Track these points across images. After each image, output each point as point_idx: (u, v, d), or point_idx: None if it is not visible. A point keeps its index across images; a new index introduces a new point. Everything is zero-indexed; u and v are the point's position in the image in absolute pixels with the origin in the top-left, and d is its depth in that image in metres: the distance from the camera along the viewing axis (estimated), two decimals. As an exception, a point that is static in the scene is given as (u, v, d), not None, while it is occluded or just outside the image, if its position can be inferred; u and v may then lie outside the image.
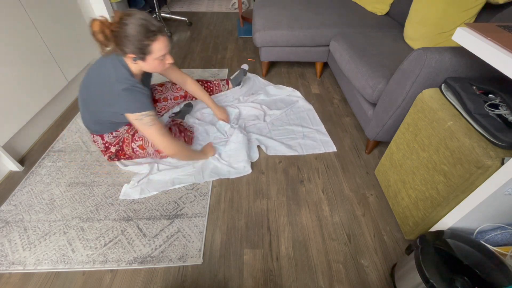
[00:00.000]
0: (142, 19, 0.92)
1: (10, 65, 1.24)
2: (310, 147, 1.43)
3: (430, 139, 0.89)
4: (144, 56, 0.98)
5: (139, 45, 0.94)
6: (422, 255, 0.76)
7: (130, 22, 0.91)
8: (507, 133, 0.71)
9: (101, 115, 1.10)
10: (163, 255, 1.00)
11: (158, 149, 1.22)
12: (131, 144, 1.22)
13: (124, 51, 0.96)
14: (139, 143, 1.21)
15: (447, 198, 0.83)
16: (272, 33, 1.71)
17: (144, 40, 0.93)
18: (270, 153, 1.39)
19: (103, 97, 1.03)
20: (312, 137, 1.48)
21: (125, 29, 0.91)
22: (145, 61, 1.00)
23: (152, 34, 0.94)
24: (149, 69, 1.05)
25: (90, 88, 1.06)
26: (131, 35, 0.92)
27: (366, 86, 1.24)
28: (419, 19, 1.35)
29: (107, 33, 0.92)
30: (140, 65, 1.02)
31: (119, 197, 1.17)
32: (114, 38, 0.93)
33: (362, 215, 1.15)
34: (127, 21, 0.91)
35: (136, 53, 0.96)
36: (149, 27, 0.93)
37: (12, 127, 1.27)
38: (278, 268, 0.98)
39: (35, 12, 1.38)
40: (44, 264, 0.97)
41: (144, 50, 0.96)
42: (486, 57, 0.71)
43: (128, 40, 0.92)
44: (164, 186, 1.22)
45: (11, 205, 1.14)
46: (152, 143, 1.15)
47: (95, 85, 1.05)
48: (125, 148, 1.23)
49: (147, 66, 1.03)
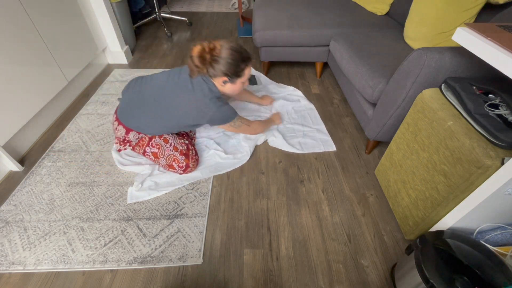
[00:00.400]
0: (238, 47, 1.08)
1: (10, 65, 1.24)
2: (310, 146, 1.43)
3: (430, 139, 0.89)
4: (235, 79, 1.11)
5: (236, 69, 1.07)
6: (422, 255, 0.76)
7: (229, 48, 1.05)
8: (507, 133, 0.71)
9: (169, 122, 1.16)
10: (163, 255, 1.00)
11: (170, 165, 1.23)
12: (145, 147, 1.21)
13: (219, 74, 1.07)
14: (154, 150, 1.21)
15: (447, 198, 0.83)
16: (272, 33, 1.71)
17: (241, 64, 1.08)
18: (271, 144, 1.44)
19: (190, 115, 1.13)
20: (312, 136, 1.49)
21: (226, 54, 1.04)
22: (233, 84, 1.13)
23: (248, 60, 1.10)
24: (231, 91, 1.17)
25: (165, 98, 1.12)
26: (231, 59, 1.05)
27: (366, 86, 1.24)
28: (419, 19, 1.35)
29: (207, 57, 1.03)
30: (226, 87, 1.14)
31: (127, 201, 1.16)
32: (214, 61, 1.04)
33: (362, 215, 1.15)
34: (227, 47, 1.05)
35: (230, 76, 1.08)
36: (244, 53, 1.09)
37: (12, 127, 1.27)
38: (278, 268, 0.98)
39: (35, 12, 1.37)
40: (44, 264, 0.97)
41: (239, 73, 1.09)
42: (486, 57, 0.71)
43: (228, 64, 1.05)
44: (172, 185, 1.22)
45: (11, 205, 1.14)
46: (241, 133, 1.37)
47: (175, 99, 1.11)
48: (137, 147, 1.23)
49: (231, 88, 1.15)
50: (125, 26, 2.14)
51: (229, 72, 1.07)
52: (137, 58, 2.21)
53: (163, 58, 2.22)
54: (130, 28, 2.23)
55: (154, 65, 2.12)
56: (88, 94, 1.78)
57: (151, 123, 1.16)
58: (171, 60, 2.19)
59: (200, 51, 1.02)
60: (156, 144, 1.20)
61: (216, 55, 1.04)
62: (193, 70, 1.07)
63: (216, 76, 1.08)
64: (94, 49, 1.89)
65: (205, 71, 1.07)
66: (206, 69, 1.06)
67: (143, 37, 2.54)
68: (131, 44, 2.25)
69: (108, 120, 1.57)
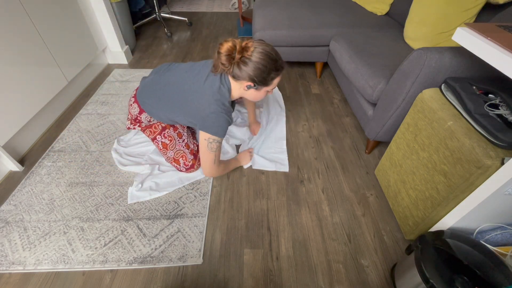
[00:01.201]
0: (273, 53, 0.94)
1: (10, 65, 1.24)
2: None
3: (430, 139, 0.89)
4: (262, 86, 0.99)
5: (266, 76, 0.95)
6: (422, 255, 0.76)
7: (263, 52, 0.92)
8: (507, 133, 0.71)
9: (171, 113, 1.11)
10: (163, 255, 1.00)
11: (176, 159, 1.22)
12: (157, 135, 1.21)
13: (244, 77, 0.95)
14: (165, 141, 1.20)
15: (447, 198, 0.83)
16: (272, 33, 1.71)
17: (273, 73, 0.95)
18: (255, 167, 1.33)
19: (189, 106, 1.04)
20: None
21: (258, 58, 0.92)
22: (258, 91, 1.01)
23: (280, 69, 0.97)
24: (252, 97, 1.06)
25: (175, 87, 1.06)
26: (262, 65, 0.92)
27: (366, 86, 1.24)
28: (419, 19, 1.35)
29: (236, 57, 0.92)
30: (248, 92, 1.02)
31: (128, 201, 1.16)
32: (242, 63, 0.93)
33: (362, 215, 1.15)
34: (261, 50, 0.92)
35: (256, 82, 0.96)
36: (279, 61, 0.95)
37: (12, 127, 1.27)
38: (278, 268, 0.98)
39: (35, 12, 1.37)
40: (44, 264, 0.97)
41: (266, 81, 0.97)
42: (486, 57, 0.71)
43: (258, 69, 0.93)
44: (173, 185, 1.22)
45: (11, 205, 1.14)
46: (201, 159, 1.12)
47: (183, 90, 1.04)
48: (148, 131, 1.22)
49: (253, 95, 1.04)
50: (125, 26, 2.14)
51: (256, 78, 0.95)
52: (137, 58, 2.21)
53: (163, 58, 2.22)
54: (130, 28, 2.23)
55: (154, 65, 2.12)
56: (88, 94, 1.78)
57: (161, 110, 1.13)
58: (171, 60, 2.19)
59: (229, 48, 0.91)
60: (168, 136, 1.20)
61: (247, 57, 0.92)
62: (217, 66, 0.97)
63: (240, 79, 0.97)
64: (94, 49, 1.88)
65: (230, 71, 0.96)
66: (232, 69, 0.95)
67: (143, 37, 2.54)
68: (131, 44, 2.25)
69: (108, 120, 1.57)
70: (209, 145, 1.04)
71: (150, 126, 1.22)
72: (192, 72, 1.05)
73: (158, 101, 1.11)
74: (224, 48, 0.91)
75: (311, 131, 1.54)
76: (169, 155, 1.23)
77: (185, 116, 1.10)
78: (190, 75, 1.05)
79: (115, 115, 1.60)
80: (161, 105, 1.12)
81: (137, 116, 1.19)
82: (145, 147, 1.38)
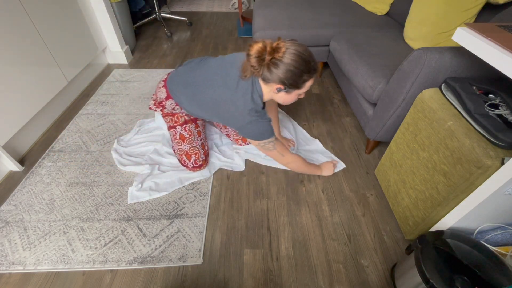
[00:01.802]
0: (306, 54, 0.89)
1: (10, 65, 1.24)
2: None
3: (430, 139, 0.89)
4: (293, 89, 0.94)
5: (298, 79, 0.90)
6: (422, 255, 0.76)
7: (295, 53, 0.87)
8: (507, 133, 0.71)
9: (202, 113, 1.11)
10: (163, 255, 1.00)
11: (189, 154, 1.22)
12: (178, 125, 1.22)
13: (274, 80, 0.91)
14: (184, 134, 1.22)
15: (447, 198, 0.83)
16: (272, 33, 1.71)
17: (305, 75, 0.91)
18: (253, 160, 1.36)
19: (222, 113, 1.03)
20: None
21: (290, 59, 0.87)
22: (288, 94, 0.97)
23: (313, 72, 0.92)
24: (282, 100, 1.02)
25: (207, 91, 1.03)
26: (294, 67, 0.87)
27: (366, 86, 1.24)
28: (419, 19, 1.35)
29: (266, 59, 0.87)
30: (279, 95, 0.98)
31: (128, 201, 1.16)
32: (273, 65, 0.88)
33: (362, 215, 1.15)
34: (293, 51, 0.87)
35: (287, 85, 0.92)
36: (312, 63, 0.90)
37: (12, 127, 1.27)
38: (278, 268, 0.98)
39: (35, 12, 1.37)
40: (44, 264, 0.97)
41: (298, 84, 0.92)
42: (486, 57, 0.71)
43: (290, 72, 0.88)
44: (173, 185, 1.22)
45: (11, 205, 1.14)
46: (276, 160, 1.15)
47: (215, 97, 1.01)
48: (170, 118, 1.23)
49: (284, 98, 0.99)
50: (125, 26, 2.14)
51: (287, 81, 0.90)
52: (137, 58, 2.21)
53: (163, 58, 2.23)
54: (130, 28, 2.23)
55: (154, 65, 2.12)
56: (88, 94, 1.78)
57: (191, 107, 1.12)
58: (171, 60, 2.19)
59: (259, 50, 0.86)
60: (189, 130, 1.22)
61: (278, 58, 0.87)
62: (246, 70, 0.93)
63: (270, 81, 0.92)
64: (94, 49, 1.89)
65: (260, 73, 0.92)
66: (262, 71, 0.91)
67: (143, 37, 2.54)
68: (131, 44, 2.25)
69: (108, 120, 1.57)
70: (266, 147, 1.06)
71: (172, 115, 1.22)
72: (221, 73, 1.02)
73: (190, 98, 1.10)
74: (254, 50, 0.86)
75: (311, 131, 1.54)
76: (184, 148, 1.23)
77: (219, 120, 1.11)
78: (220, 79, 1.01)
79: (115, 115, 1.60)
80: (192, 103, 1.11)
81: (163, 101, 1.19)
82: (145, 147, 1.38)
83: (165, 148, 1.37)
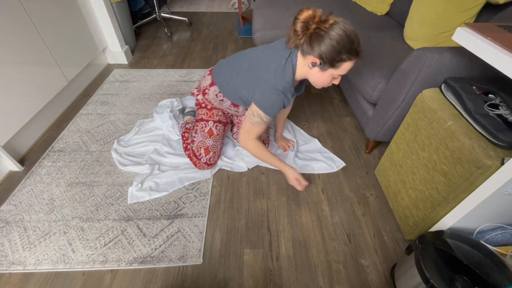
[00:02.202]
0: (354, 34, 0.86)
1: (10, 65, 1.24)
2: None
3: (430, 139, 0.89)
4: (328, 67, 0.90)
5: (336, 56, 0.86)
6: (422, 255, 0.76)
7: (343, 29, 0.84)
8: (507, 133, 0.71)
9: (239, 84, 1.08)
10: (163, 255, 1.00)
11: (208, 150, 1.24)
12: (210, 122, 1.24)
13: (312, 52, 0.88)
14: (214, 130, 1.25)
15: (447, 198, 0.83)
16: (272, 33, 1.70)
17: (344, 54, 0.86)
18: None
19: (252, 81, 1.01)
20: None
21: (335, 34, 0.84)
22: (322, 71, 0.92)
23: (354, 54, 0.87)
24: (315, 80, 0.97)
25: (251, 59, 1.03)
26: (337, 42, 0.84)
27: (366, 86, 1.24)
28: (419, 19, 1.35)
29: (312, 27, 0.85)
30: (312, 72, 0.94)
31: (128, 201, 1.16)
32: (316, 35, 0.85)
33: (362, 215, 1.15)
34: (341, 27, 0.84)
35: (324, 60, 0.88)
36: (356, 45, 0.86)
37: (12, 127, 1.27)
38: (278, 268, 0.98)
39: (35, 12, 1.37)
40: (44, 264, 0.97)
41: (334, 62, 0.88)
42: (486, 57, 0.71)
43: (331, 46, 0.84)
44: (173, 185, 1.22)
45: (11, 205, 1.14)
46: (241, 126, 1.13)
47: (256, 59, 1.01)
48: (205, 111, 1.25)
49: (316, 76, 0.95)
50: (125, 26, 2.14)
51: (324, 56, 0.86)
52: (137, 58, 2.21)
53: (163, 58, 2.22)
54: (130, 28, 2.23)
55: (154, 65, 2.12)
56: (88, 94, 1.78)
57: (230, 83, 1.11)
58: (171, 60, 2.19)
59: (308, 16, 0.84)
60: (218, 130, 1.26)
61: (323, 29, 0.84)
62: (290, 36, 0.91)
63: (308, 54, 0.89)
64: (94, 49, 1.89)
65: (301, 41, 0.89)
66: (303, 40, 0.88)
67: (143, 37, 2.54)
68: (131, 44, 2.25)
69: (108, 120, 1.57)
70: (254, 117, 1.02)
71: (209, 109, 1.24)
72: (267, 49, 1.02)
73: (231, 72, 1.10)
74: (303, 15, 0.84)
75: (311, 131, 1.54)
76: (207, 142, 1.24)
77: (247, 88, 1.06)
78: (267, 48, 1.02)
79: (115, 115, 1.60)
80: (232, 76, 1.09)
81: (206, 88, 1.19)
82: (145, 147, 1.38)
83: (165, 148, 1.37)
